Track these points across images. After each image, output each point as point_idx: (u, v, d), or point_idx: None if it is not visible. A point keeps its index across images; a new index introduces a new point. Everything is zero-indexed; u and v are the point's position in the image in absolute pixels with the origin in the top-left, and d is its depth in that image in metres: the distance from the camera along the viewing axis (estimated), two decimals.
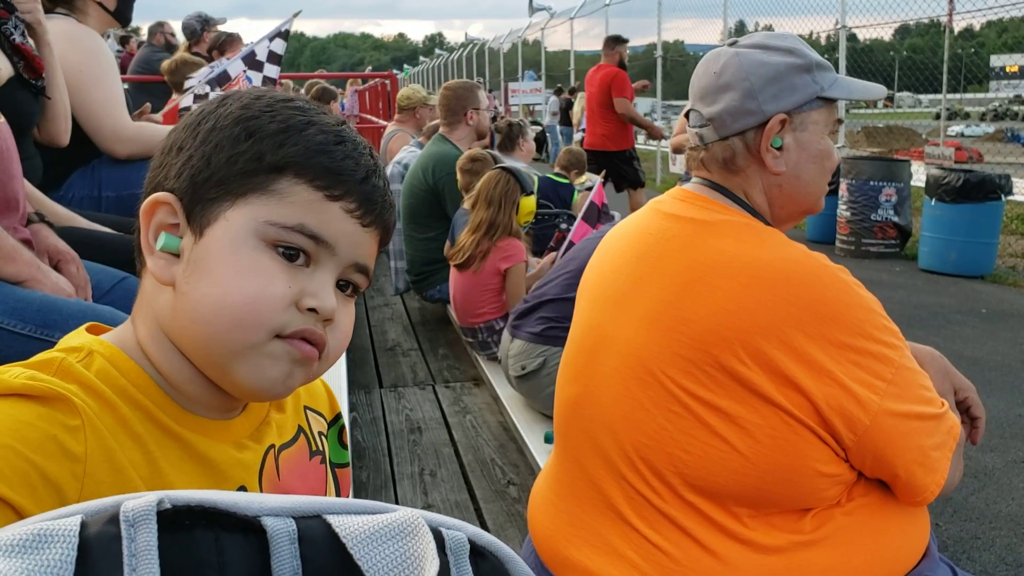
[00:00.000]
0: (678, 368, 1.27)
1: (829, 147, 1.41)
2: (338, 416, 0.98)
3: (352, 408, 3.54)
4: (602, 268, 1.51)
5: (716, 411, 1.24)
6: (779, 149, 1.35)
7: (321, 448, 0.92)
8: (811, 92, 1.34)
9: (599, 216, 3.69)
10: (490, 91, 26.45)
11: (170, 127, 3.06)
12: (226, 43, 6.07)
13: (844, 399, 1.21)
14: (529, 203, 3.57)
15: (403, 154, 5.15)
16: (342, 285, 0.79)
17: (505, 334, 3.02)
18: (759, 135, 1.34)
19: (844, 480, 1.29)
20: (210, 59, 5.77)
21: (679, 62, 19.65)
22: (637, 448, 1.31)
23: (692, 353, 1.26)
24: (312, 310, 0.74)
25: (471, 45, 34.17)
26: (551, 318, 2.76)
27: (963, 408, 1.48)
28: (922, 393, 1.29)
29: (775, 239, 1.32)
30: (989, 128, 30.85)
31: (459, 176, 3.62)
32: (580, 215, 3.71)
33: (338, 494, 0.95)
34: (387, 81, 12.08)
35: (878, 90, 1.44)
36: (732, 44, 1.37)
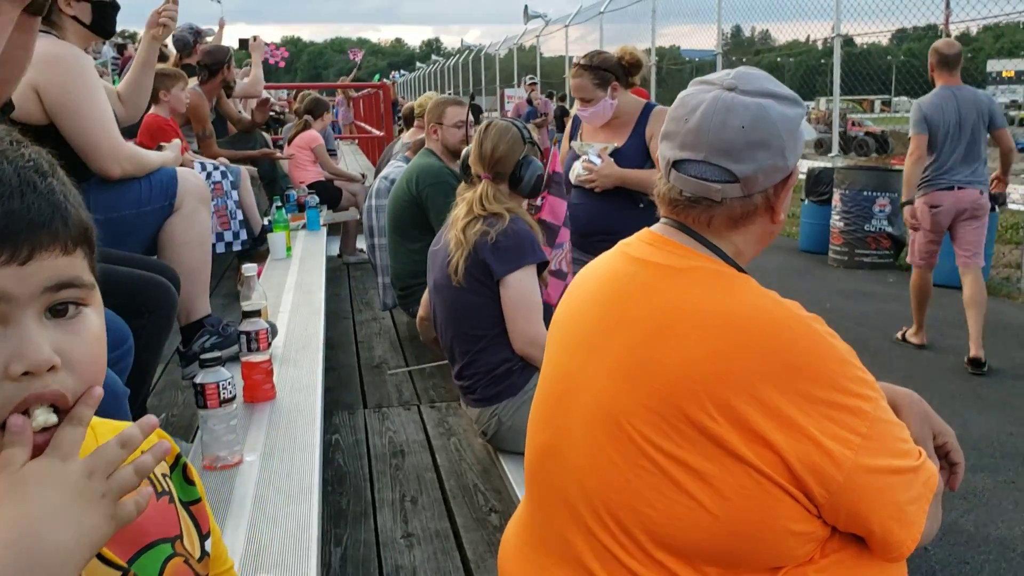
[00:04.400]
0: (646, 421, 1.23)
1: (797, 177, 1.41)
2: (178, 457, 0.94)
3: (334, 430, 3.50)
4: (571, 311, 1.47)
5: (684, 467, 1.20)
6: None
7: (167, 488, 0.89)
8: (804, 137, 1.36)
9: (550, 185, 3.56)
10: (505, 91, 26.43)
11: (159, 152, 3.02)
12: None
13: (816, 456, 1.17)
14: None
15: (389, 168, 5.11)
16: (58, 310, 0.72)
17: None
18: (780, 188, 1.34)
19: (816, 537, 1.25)
20: (199, 72, 5.74)
21: (675, 69, 19.64)
22: (605, 502, 1.27)
23: (660, 406, 1.22)
24: (27, 373, 0.68)
25: (467, 52, 34.18)
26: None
27: (942, 453, 1.44)
28: (898, 446, 1.24)
29: (746, 287, 1.29)
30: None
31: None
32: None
33: (198, 530, 0.92)
34: (380, 91, 12.03)
35: (812, 132, 1.44)
36: (733, 89, 1.30)
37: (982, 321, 5.11)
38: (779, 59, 29.37)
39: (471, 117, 4.37)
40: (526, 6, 22.63)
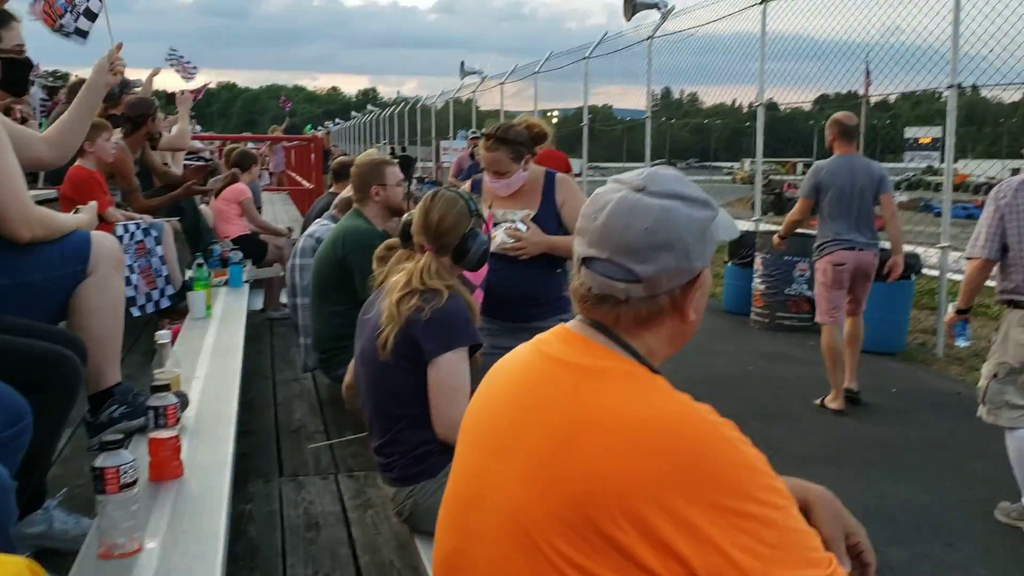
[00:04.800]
0: (556, 531, 1.20)
1: (711, 279, 1.41)
2: None
3: (248, 500, 3.39)
4: (483, 409, 1.45)
5: None
6: None
7: None
8: (716, 240, 1.35)
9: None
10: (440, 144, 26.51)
11: (72, 215, 2.90)
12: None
13: (725, 568, 1.15)
14: None
15: (315, 227, 5.05)
16: None
17: None
18: (687, 290, 1.33)
19: None
20: (122, 124, 5.62)
21: (606, 130, 20.04)
22: None
23: (570, 515, 1.19)
24: None
25: (403, 103, 34.34)
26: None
27: (853, 553, 1.43)
28: (808, 555, 1.23)
29: (658, 391, 1.27)
30: (903, 197, 32.02)
31: (374, 263, 3.52)
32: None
33: None
34: (312, 144, 11.96)
35: (733, 231, 1.42)
36: (641, 190, 1.31)
37: (859, 356, 5.81)
38: (706, 121, 30.21)
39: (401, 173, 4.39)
40: (463, 62, 22.89)
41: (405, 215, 2.97)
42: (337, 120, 56.72)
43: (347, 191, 5.08)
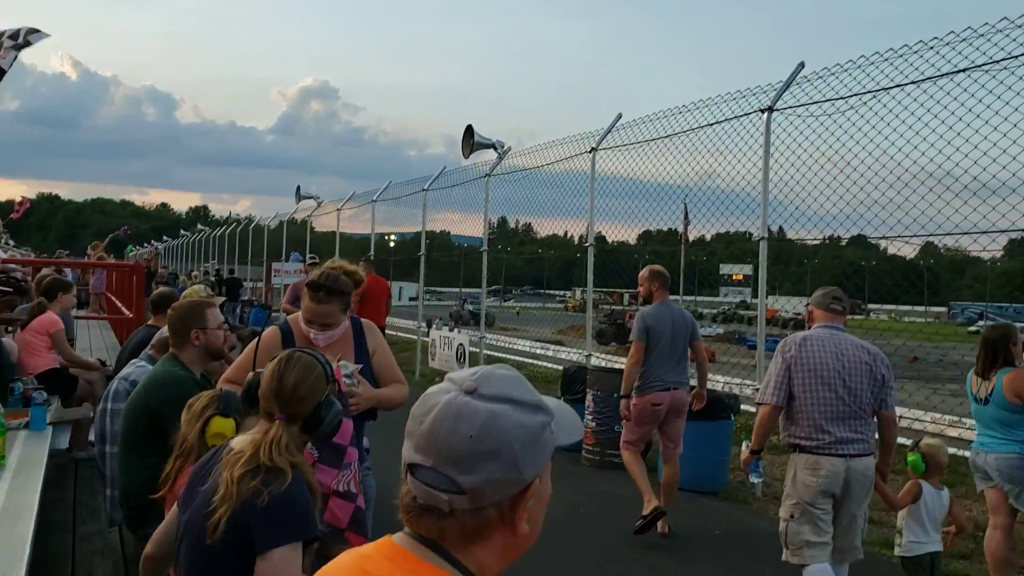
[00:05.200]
0: None
1: (550, 488, 1.34)
2: None
3: None
4: None
5: None
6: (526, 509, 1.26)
7: None
8: (552, 446, 1.28)
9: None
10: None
11: None
12: None
13: None
14: (222, 425, 3.08)
15: (131, 368, 4.75)
16: None
17: None
18: (517, 501, 1.25)
19: None
20: None
21: (443, 258, 20.29)
22: None
23: None
24: None
25: (235, 223, 33.67)
26: None
27: None
28: None
29: None
30: (719, 329, 33.91)
31: (183, 418, 3.30)
32: None
33: None
34: (134, 270, 11.44)
35: (574, 434, 1.38)
36: (471, 392, 1.24)
37: (673, 498, 6.23)
38: (540, 251, 31.25)
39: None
40: (298, 187, 22.73)
41: (250, 374, 2.77)
42: (165, 237, 54.92)
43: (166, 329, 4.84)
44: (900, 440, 5.20)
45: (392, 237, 25.81)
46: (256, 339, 3.79)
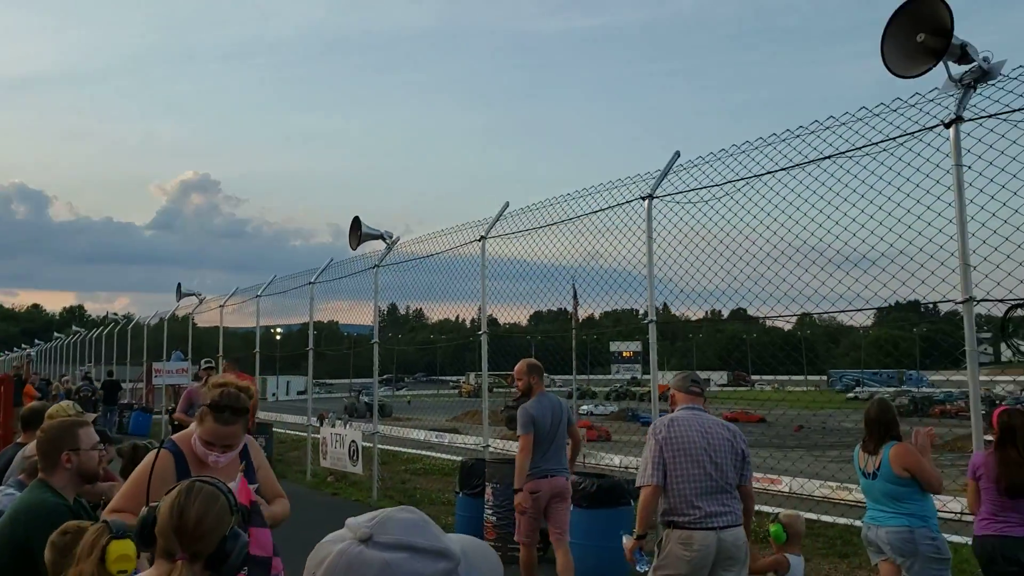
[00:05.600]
0: None
1: None
2: None
3: None
4: None
5: None
6: None
7: None
8: None
9: (252, 517, 3.21)
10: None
11: None
12: None
13: None
14: (122, 547, 2.84)
15: None
16: None
17: None
18: None
19: None
20: None
21: (331, 350, 19.94)
22: None
23: None
24: None
25: (113, 323, 32.33)
26: None
27: None
28: None
29: None
30: (613, 407, 34.28)
31: (47, 552, 3.03)
32: None
33: None
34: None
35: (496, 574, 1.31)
36: (367, 540, 1.16)
37: None
38: (432, 336, 31.16)
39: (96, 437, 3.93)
40: (179, 284, 22.09)
41: (144, 509, 2.54)
42: (37, 341, 52.23)
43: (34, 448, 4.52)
44: (806, 512, 5.28)
45: (278, 330, 25.26)
46: (145, 461, 3.55)
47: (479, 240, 10.76)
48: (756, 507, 5.04)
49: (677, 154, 8.41)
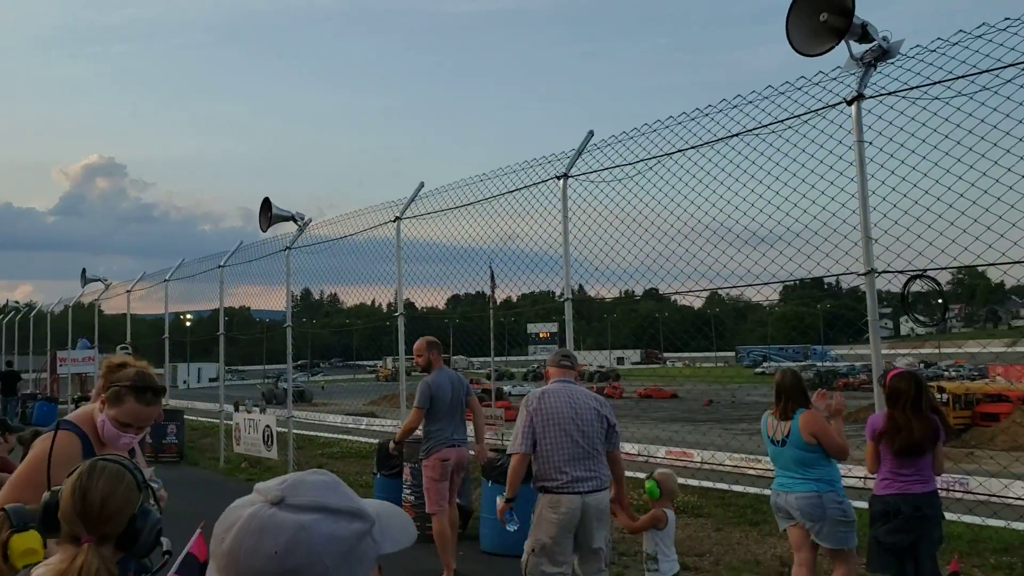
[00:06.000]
0: None
1: None
2: None
3: None
4: None
5: None
6: None
7: None
8: (373, 556, 1.18)
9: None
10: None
11: None
12: None
13: None
14: (26, 540, 2.66)
15: None
16: None
17: None
18: None
19: None
20: None
21: (243, 335, 19.55)
22: None
23: None
24: None
25: (14, 311, 31.02)
26: None
27: None
28: None
29: None
30: (531, 387, 34.57)
31: None
32: (174, 569, 3.13)
33: None
34: None
35: (404, 539, 1.30)
36: (278, 503, 1.13)
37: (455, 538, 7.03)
38: (348, 321, 30.76)
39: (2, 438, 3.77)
40: (84, 270, 21.26)
41: (46, 494, 2.41)
42: None
43: None
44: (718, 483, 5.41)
45: (188, 316, 24.63)
46: (42, 444, 3.38)
47: (394, 221, 10.67)
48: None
49: (591, 133, 8.47)
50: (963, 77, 5.68)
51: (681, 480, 11.26)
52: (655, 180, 7.91)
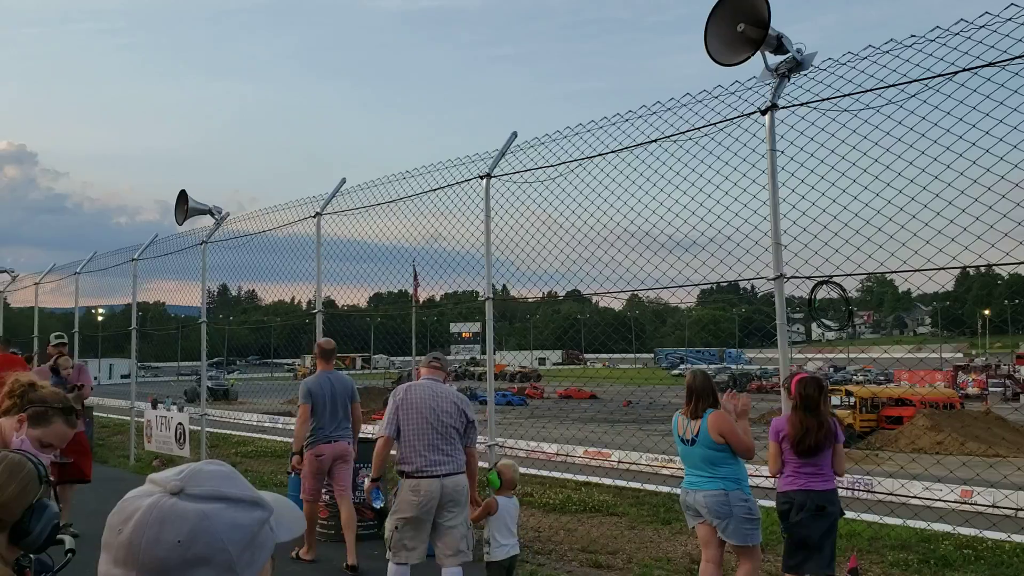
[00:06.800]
0: None
1: None
2: None
3: None
4: None
5: None
6: None
7: None
8: (272, 543, 1.20)
9: None
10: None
11: None
12: None
13: None
14: None
15: None
16: None
17: None
18: None
19: None
20: None
21: (157, 331, 19.06)
22: None
23: None
24: None
25: None
26: None
27: None
28: None
29: None
30: (453, 386, 34.55)
31: None
32: None
33: None
34: None
35: (296, 528, 1.32)
36: (179, 492, 1.13)
37: (355, 536, 7.26)
38: (265, 318, 30.28)
39: None
40: None
41: None
42: None
43: None
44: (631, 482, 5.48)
45: (100, 311, 23.90)
46: None
47: (314, 216, 10.54)
48: (584, 479, 5.38)
49: (515, 134, 8.52)
50: (871, 91, 5.91)
51: (596, 480, 11.41)
52: (577, 183, 8.03)
